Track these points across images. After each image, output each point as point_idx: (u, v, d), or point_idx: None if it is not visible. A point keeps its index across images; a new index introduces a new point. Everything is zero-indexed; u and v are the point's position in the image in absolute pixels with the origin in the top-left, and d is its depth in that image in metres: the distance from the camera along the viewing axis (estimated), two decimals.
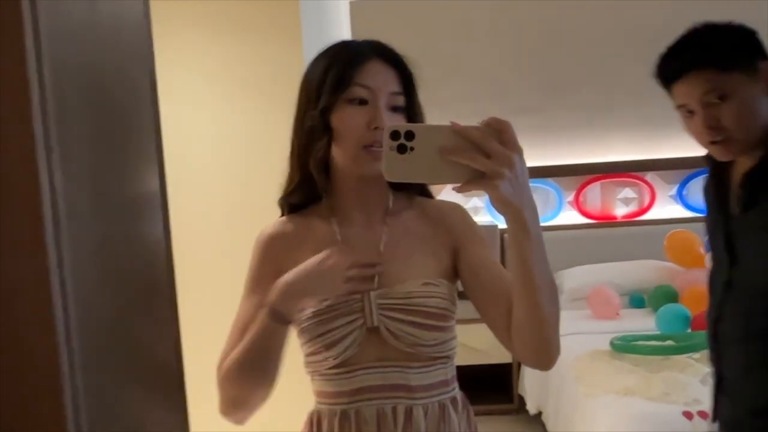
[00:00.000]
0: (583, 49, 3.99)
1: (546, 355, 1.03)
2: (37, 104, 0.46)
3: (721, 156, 1.41)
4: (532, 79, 4.04)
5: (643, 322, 3.34)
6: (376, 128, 1.04)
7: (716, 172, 1.49)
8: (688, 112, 1.40)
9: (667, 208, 4.12)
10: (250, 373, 1.08)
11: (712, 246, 1.53)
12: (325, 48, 1.15)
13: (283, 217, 1.20)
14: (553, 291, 1.00)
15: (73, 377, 0.48)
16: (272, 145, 2.07)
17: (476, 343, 3.66)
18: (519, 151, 0.88)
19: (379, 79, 1.08)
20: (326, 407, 1.14)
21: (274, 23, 2.01)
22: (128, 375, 0.64)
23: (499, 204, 0.90)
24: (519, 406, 3.80)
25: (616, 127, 4.11)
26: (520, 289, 0.98)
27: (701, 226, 1.61)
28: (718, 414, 1.51)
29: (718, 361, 1.50)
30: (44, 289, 0.46)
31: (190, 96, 2.06)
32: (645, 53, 4.24)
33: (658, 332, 3.12)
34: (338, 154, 1.09)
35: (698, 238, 3.77)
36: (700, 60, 1.36)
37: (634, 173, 4.13)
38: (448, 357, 1.13)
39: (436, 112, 1.30)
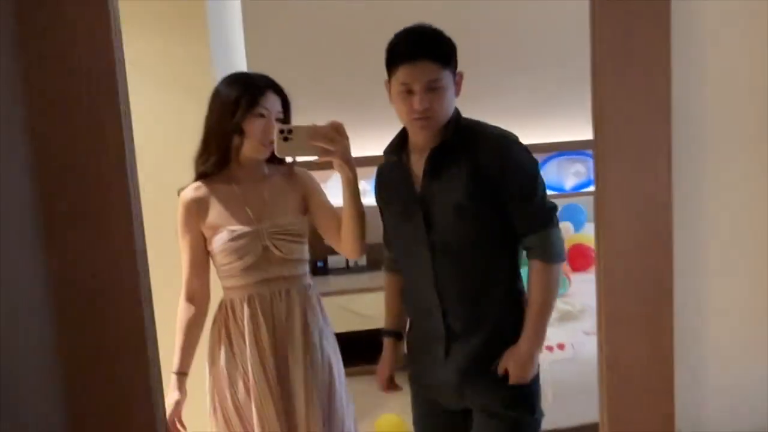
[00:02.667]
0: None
1: (358, 246, 1.91)
2: (126, 127, 0.78)
3: (423, 131, 1.71)
4: None
5: None
6: (268, 134, 1.81)
7: (397, 163, 1.80)
8: (407, 92, 1.66)
9: None
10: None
11: (398, 217, 1.82)
12: (233, 76, 1.89)
13: (197, 182, 1.90)
14: (362, 214, 1.88)
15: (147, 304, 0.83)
16: (181, 130, 2.36)
17: (364, 310, 4.06)
18: (347, 138, 1.76)
19: (272, 104, 1.86)
20: (236, 295, 1.90)
21: (183, 22, 2.28)
22: None
23: (338, 167, 1.79)
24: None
25: (480, 117, 4.61)
26: (345, 211, 1.87)
27: (555, 202, 1.85)
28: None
29: (446, 311, 1.76)
30: (132, 261, 0.81)
31: None
32: (506, 50, 4.75)
33: None
34: (245, 146, 1.86)
35: None
36: (433, 52, 1.65)
37: None
38: (305, 260, 1.96)
39: (323, 102, 1.76)
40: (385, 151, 1.86)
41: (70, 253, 0.90)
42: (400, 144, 1.82)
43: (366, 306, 4.02)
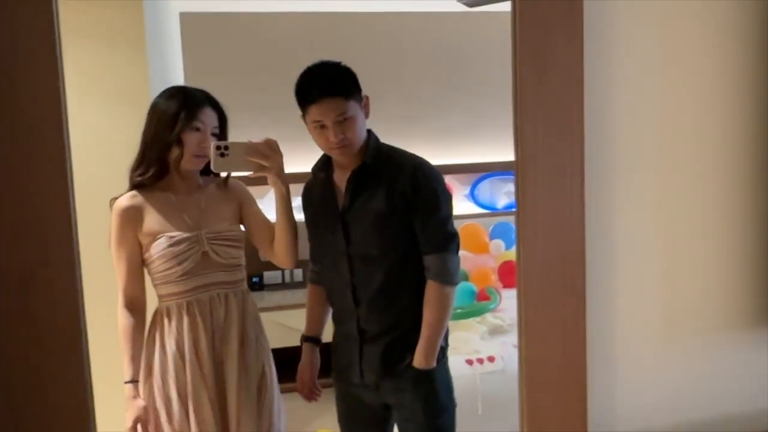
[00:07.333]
0: (389, 64, 4.52)
1: (291, 257, 1.96)
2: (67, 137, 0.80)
3: (342, 156, 1.86)
4: None
5: None
6: (203, 146, 1.86)
7: (323, 180, 1.94)
8: (321, 127, 1.81)
9: (461, 205, 4.79)
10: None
11: (322, 230, 1.95)
12: (172, 90, 1.92)
13: (132, 191, 1.90)
14: (295, 226, 1.94)
15: None
16: (114, 140, 2.35)
17: (300, 326, 4.05)
18: (281, 155, 1.83)
19: (209, 118, 1.90)
20: (174, 302, 1.90)
21: (121, 34, 2.29)
22: None
23: (272, 182, 1.85)
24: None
25: (418, 137, 4.70)
26: (279, 224, 1.93)
27: (488, 220, 2.02)
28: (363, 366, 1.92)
29: (360, 316, 1.90)
30: (71, 269, 0.81)
31: None
32: (445, 73, 4.95)
33: None
34: (183, 157, 1.87)
35: (484, 230, 4.51)
36: (336, 89, 1.80)
37: None
38: (242, 266, 1.98)
39: (257, 115, 1.78)
40: (313, 169, 1.98)
41: (4, 259, 0.91)
42: (326, 162, 1.96)
43: (302, 321, 4.00)
